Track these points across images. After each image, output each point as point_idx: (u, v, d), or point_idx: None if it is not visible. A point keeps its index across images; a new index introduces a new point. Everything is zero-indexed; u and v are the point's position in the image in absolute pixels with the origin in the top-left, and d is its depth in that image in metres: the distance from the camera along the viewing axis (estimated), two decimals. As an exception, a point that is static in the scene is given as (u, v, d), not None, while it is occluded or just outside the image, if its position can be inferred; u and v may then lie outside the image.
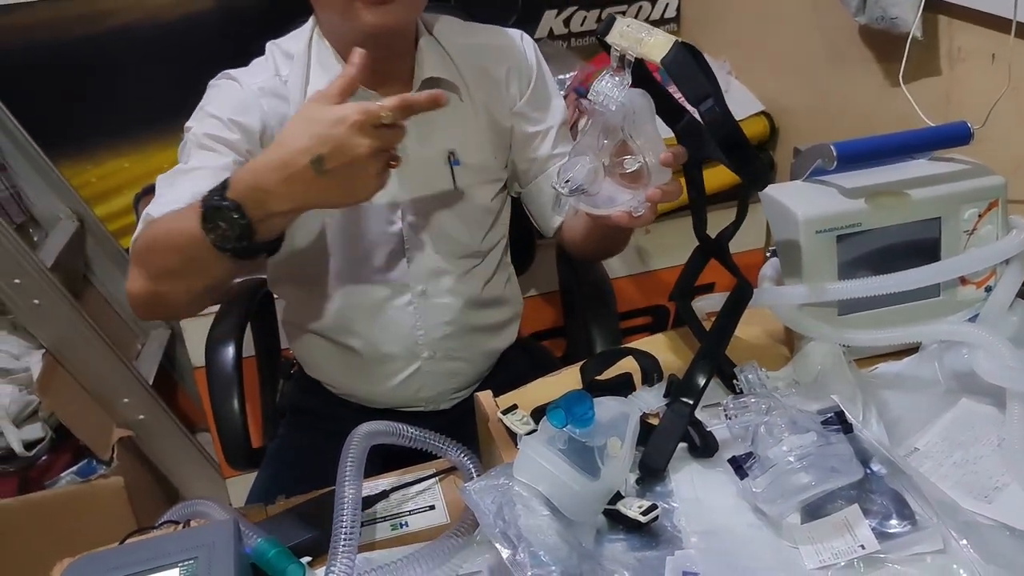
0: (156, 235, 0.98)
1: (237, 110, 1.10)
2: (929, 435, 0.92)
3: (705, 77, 0.84)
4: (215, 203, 0.86)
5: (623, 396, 1.00)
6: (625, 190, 0.92)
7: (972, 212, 1.02)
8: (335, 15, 1.08)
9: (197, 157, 1.08)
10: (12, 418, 1.76)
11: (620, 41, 0.86)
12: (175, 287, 0.99)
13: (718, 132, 0.84)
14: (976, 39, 1.30)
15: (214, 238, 0.87)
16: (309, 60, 1.15)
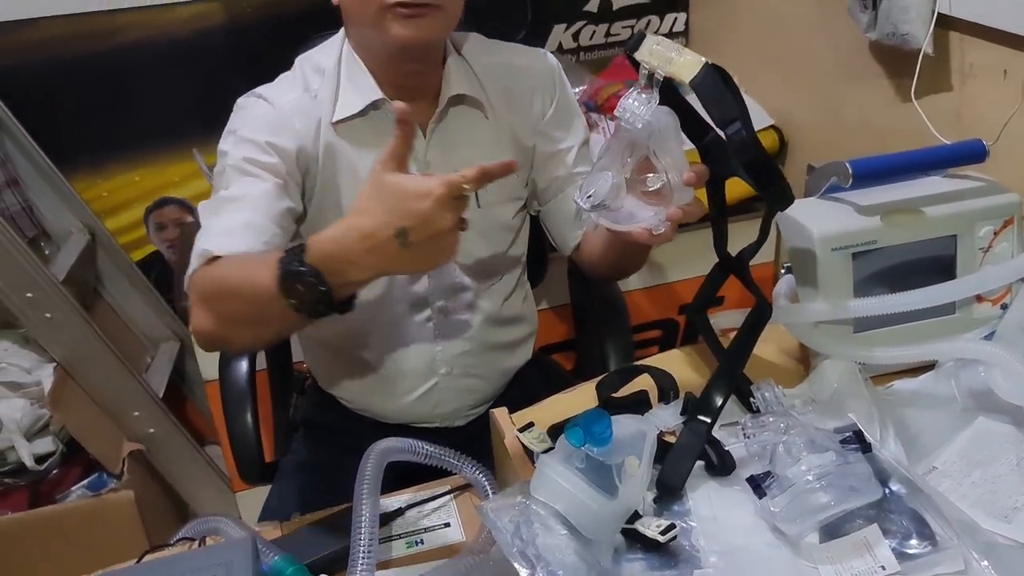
0: (226, 283, 0.98)
1: (272, 132, 1.10)
2: (947, 454, 0.92)
3: (733, 99, 0.84)
4: (294, 268, 0.86)
5: (640, 414, 1.00)
6: (646, 207, 0.92)
7: (987, 230, 1.03)
8: (367, 28, 1.08)
9: (239, 184, 1.08)
10: (24, 432, 1.76)
11: (649, 59, 0.85)
12: (244, 333, 1.00)
13: (744, 155, 0.85)
14: (987, 55, 1.31)
15: (292, 301, 0.87)
16: (339, 75, 1.15)
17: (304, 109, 1.13)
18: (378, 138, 1.15)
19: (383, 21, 1.05)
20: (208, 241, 1.02)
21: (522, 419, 1.02)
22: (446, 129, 1.18)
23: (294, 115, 1.12)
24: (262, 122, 1.11)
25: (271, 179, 1.08)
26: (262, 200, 1.06)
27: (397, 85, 1.14)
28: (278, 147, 1.10)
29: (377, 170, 0.85)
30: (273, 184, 1.08)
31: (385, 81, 1.14)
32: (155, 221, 2.16)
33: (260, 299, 0.91)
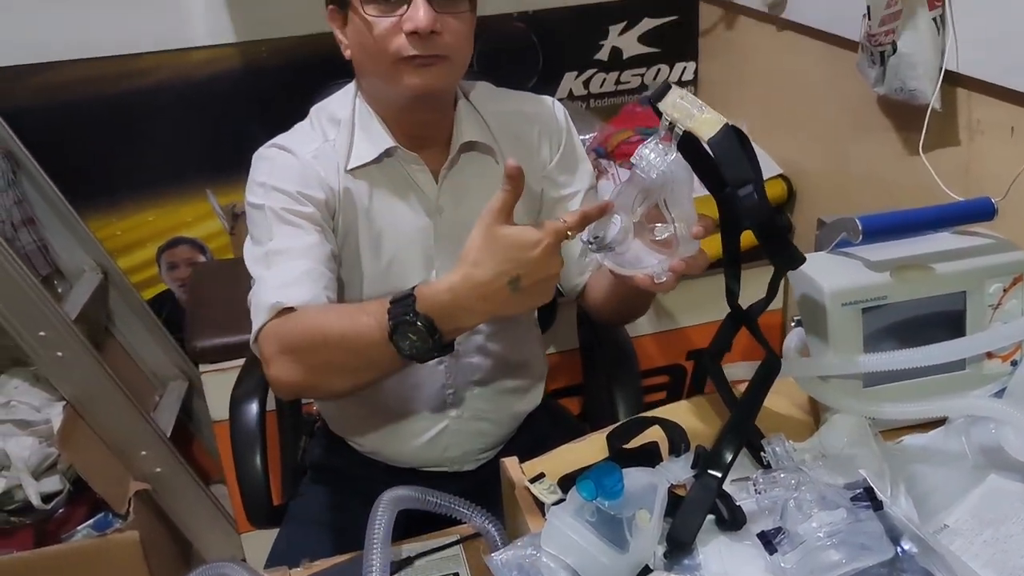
0: (321, 333, 1.00)
1: (300, 182, 1.13)
2: (958, 512, 0.92)
3: (748, 163, 0.86)
4: (408, 319, 0.91)
5: (650, 466, 1.00)
6: (652, 254, 0.94)
7: (997, 287, 1.03)
8: (380, 80, 1.12)
9: (283, 234, 1.10)
10: (31, 470, 1.77)
11: (672, 112, 0.86)
12: (339, 381, 1.03)
13: (755, 219, 0.87)
14: (995, 112, 1.32)
15: (404, 350, 0.92)
16: (354, 124, 1.17)
17: (324, 157, 1.16)
18: (391, 183, 1.18)
19: (396, 73, 1.08)
20: (273, 294, 1.04)
21: (533, 469, 1.02)
22: (458, 175, 1.20)
23: (317, 164, 1.15)
24: (290, 173, 1.13)
25: (312, 227, 1.12)
26: (313, 249, 1.10)
27: (409, 134, 1.17)
28: (310, 196, 1.13)
29: (486, 223, 0.90)
30: (316, 233, 1.12)
31: (397, 130, 1.17)
32: (167, 260, 2.18)
33: (364, 348, 0.95)
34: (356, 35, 1.11)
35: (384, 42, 1.06)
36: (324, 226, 1.14)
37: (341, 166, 1.16)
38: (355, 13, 1.09)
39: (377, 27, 1.06)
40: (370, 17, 1.06)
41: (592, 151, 2.03)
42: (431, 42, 1.06)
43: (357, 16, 1.08)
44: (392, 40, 1.06)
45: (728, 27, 2.15)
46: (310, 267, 1.08)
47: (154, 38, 1.96)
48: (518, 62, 2.19)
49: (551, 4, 2.17)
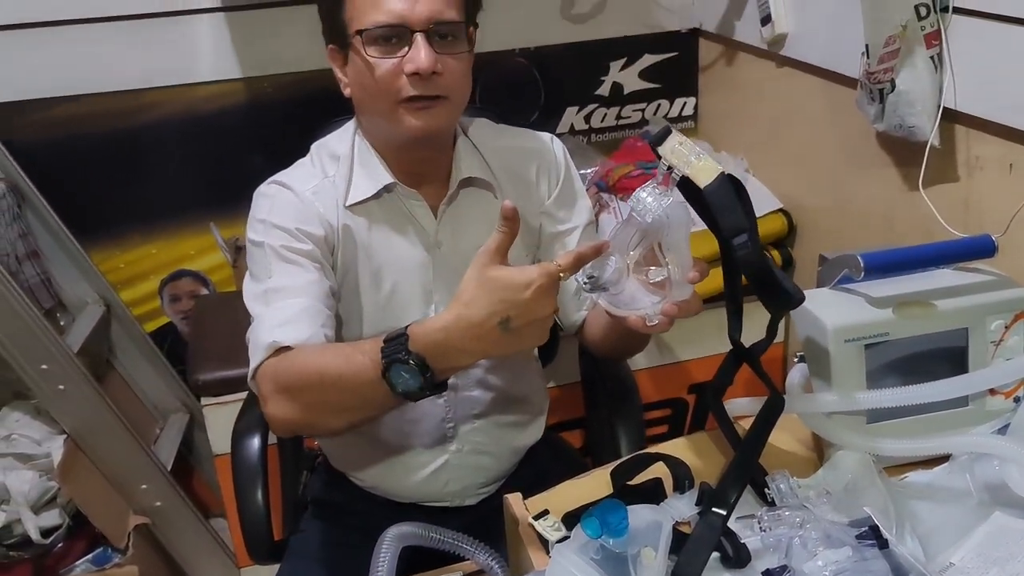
0: (315, 372, 1.01)
1: (299, 219, 1.14)
2: (964, 550, 0.91)
3: (743, 212, 0.88)
4: (400, 358, 0.92)
5: (655, 503, 1.00)
6: (647, 295, 0.95)
7: (999, 323, 1.04)
8: (380, 119, 1.14)
9: (282, 271, 1.12)
10: (31, 504, 1.76)
11: (671, 157, 0.88)
12: (334, 420, 1.05)
13: (748, 268, 0.89)
14: (994, 149, 1.34)
15: (397, 388, 0.93)
16: (353, 161, 1.19)
17: (324, 194, 1.17)
18: (390, 218, 1.19)
19: (396, 114, 1.10)
20: (270, 333, 1.06)
21: (536, 505, 1.02)
22: (457, 210, 1.21)
23: (316, 201, 1.16)
24: (290, 210, 1.15)
25: (311, 264, 1.13)
26: (311, 287, 1.11)
27: (408, 170, 1.18)
28: (309, 233, 1.14)
29: (482, 263, 0.90)
30: (315, 270, 1.13)
31: (396, 166, 1.18)
32: (170, 293, 2.18)
33: (359, 387, 0.97)
34: (357, 75, 1.12)
35: (385, 83, 1.08)
36: (323, 263, 1.15)
37: (340, 202, 1.18)
38: (356, 54, 1.10)
39: (378, 68, 1.08)
40: (371, 58, 1.08)
41: (593, 185, 2.04)
42: (432, 83, 1.08)
43: (358, 56, 1.10)
44: (393, 81, 1.08)
45: (728, 63, 2.17)
46: (308, 305, 1.09)
47: (159, 74, 1.98)
48: (520, 97, 2.21)
49: (553, 40, 2.19)
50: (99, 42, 1.91)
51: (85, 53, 1.91)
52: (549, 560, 0.86)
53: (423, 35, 1.06)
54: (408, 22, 1.06)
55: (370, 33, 1.07)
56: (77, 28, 1.89)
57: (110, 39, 1.91)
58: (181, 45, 1.97)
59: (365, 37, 1.08)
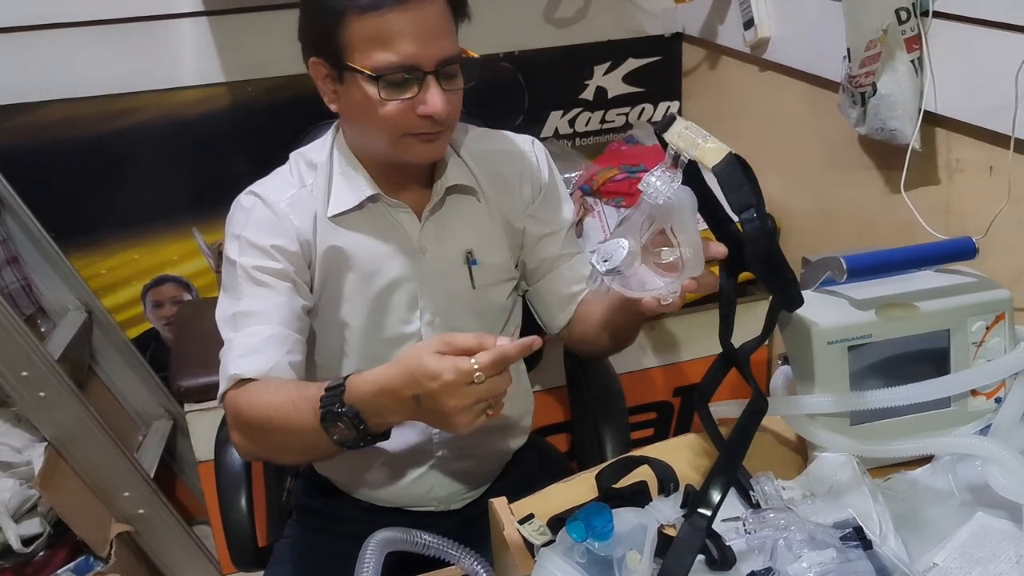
0: (266, 415, 1.03)
1: (273, 234, 1.14)
2: (947, 550, 0.92)
3: (751, 189, 0.89)
4: (335, 410, 0.94)
5: (640, 506, 1.00)
6: (658, 277, 0.96)
7: (980, 325, 1.04)
8: (378, 144, 1.13)
9: (252, 295, 1.12)
10: (11, 513, 1.74)
11: (677, 141, 0.89)
12: (290, 458, 1.14)
13: (756, 243, 0.89)
14: (974, 152, 1.35)
15: (333, 436, 0.95)
16: (331, 169, 1.18)
17: (301, 204, 1.17)
18: (373, 227, 1.19)
19: (401, 145, 1.10)
20: (235, 364, 1.08)
21: (521, 509, 1.02)
22: (440, 215, 1.21)
23: (292, 212, 1.16)
24: (264, 226, 1.15)
25: (282, 285, 1.13)
26: (277, 312, 1.12)
27: (391, 180, 1.18)
28: (282, 249, 1.14)
29: (431, 341, 0.90)
30: (285, 290, 1.13)
31: (380, 177, 1.18)
32: (152, 299, 2.17)
33: (303, 433, 0.98)
34: (356, 104, 1.09)
35: (392, 120, 1.07)
36: (296, 281, 1.15)
37: (320, 212, 1.17)
38: (357, 85, 1.07)
39: (387, 106, 1.06)
40: (382, 99, 1.06)
41: (578, 189, 2.04)
42: (440, 120, 1.08)
43: (359, 88, 1.07)
44: (401, 118, 1.07)
45: (711, 67, 2.18)
46: (273, 332, 1.10)
47: (141, 78, 1.96)
48: (505, 101, 2.22)
49: (537, 44, 2.19)
50: (80, 46, 1.90)
51: (66, 57, 1.90)
52: (534, 564, 0.86)
53: (434, 77, 1.06)
54: (421, 64, 1.05)
55: (382, 75, 1.05)
56: (58, 32, 1.87)
57: (92, 43, 1.90)
58: (164, 49, 1.96)
59: (374, 76, 1.05)
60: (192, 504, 2.27)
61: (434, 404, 0.88)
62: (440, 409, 0.88)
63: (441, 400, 0.87)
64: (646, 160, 2.13)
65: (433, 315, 1.22)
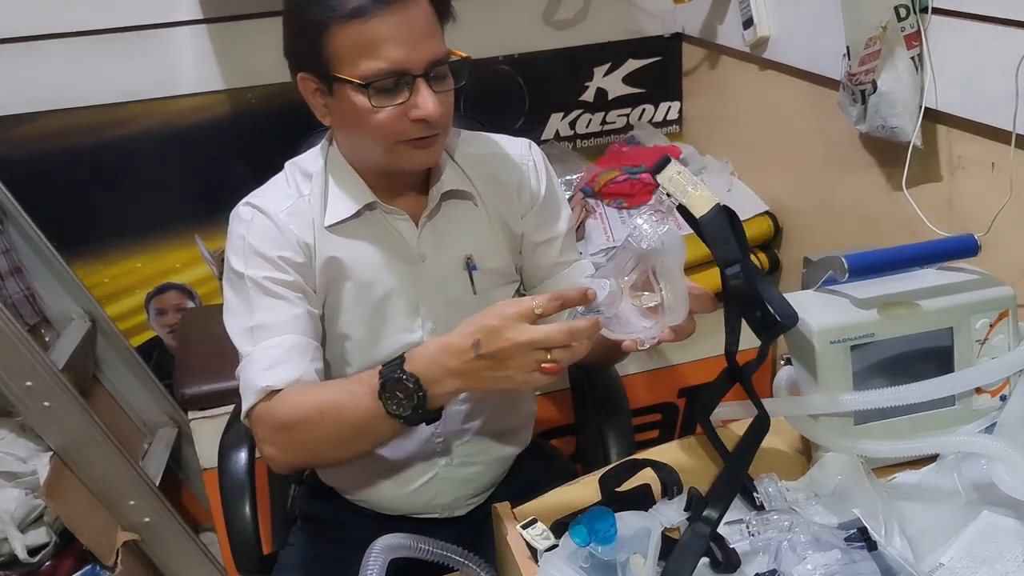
0: (314, 408, 1.04)
1: (277, 245, 1.13)
2: (953, 550, 0.91)
3: (737, 243, 0.91)
4: (396, 376, 0.96)
5: (643, 509, 0.99)
6: (640, 318, 0.95)
7: (983, 322, 1.04)
8: (373, 152, 1.12)
9: (266, 306, 1.12)
10: (17, 523, 1.73)
11: (668, 186, 0.92)
12: (339, 452, 1.08)
13: (739, 298, 0.92)
14: (976, 148, 1.34)
15: (392, 409, 0.97)
16: (326, 178, 1.18)
17: (299, 214, 1.16)
18: (370, 234, 1.18)
19: (396, 152, 1.09)
20: (261, 377, 1.07)
21: (524, 514, 1.02)
22: (438, 221, 1.20)
23: (291, 223, 1.15)
24: (267, 237, 1.14)
25: (294, 295, 1.13)
26: (296, 323, 1.12)
27: (387, 188, 1.17)
28: (289, 260, 1.14)
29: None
30: (298, 300, 1.13)
31: (376, 184, 1.17)
32: (156, 307, 2.17)
33: (358, 415, 1.00)
34: (348, 115, 1.08)
35: (386, 128, 1.06)
36: (306, 290, 1.15)
37: (317, 222, 1.16)
38: (346, 95, 1.06)
39: (379, 114, 1.05)
40: (373, 107, 1.05)
41: (580, 191, 2.04)
42: (433, 124, 1.07)
43: (348, 99, 1.06)
44: (394, 125, 1.06)
45: (711, 67, 2.18)
46: (295, 342, 1.10)
47: (141, 87, 1.97)
48: (505, 104, 2.22)
49: (536, 47, 2.19)
50: (79, 56, 1.90)
51: (66, 67, 1.90)
52: (538, 569, 0.86)
53: (424, 80, 1.05)
54: (409, 68, 1.04)
55: (371, 82, 1.03)
56: (56, 42, 1.88)
57: (90, 53, 1.90)
58: (163, 58, 1.96)
59: (363, 85, 1.04)
60: (198, 511, 2.27)
61: (492, 341, 0.90)
62: (499, 350, 0.90)
63: (502, 336, 0.89)
64: (647, 161, 2.12)
65: (435, 323, 1.21)
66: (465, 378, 0.95)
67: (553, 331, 0.89)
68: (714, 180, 2.08)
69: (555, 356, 0.90)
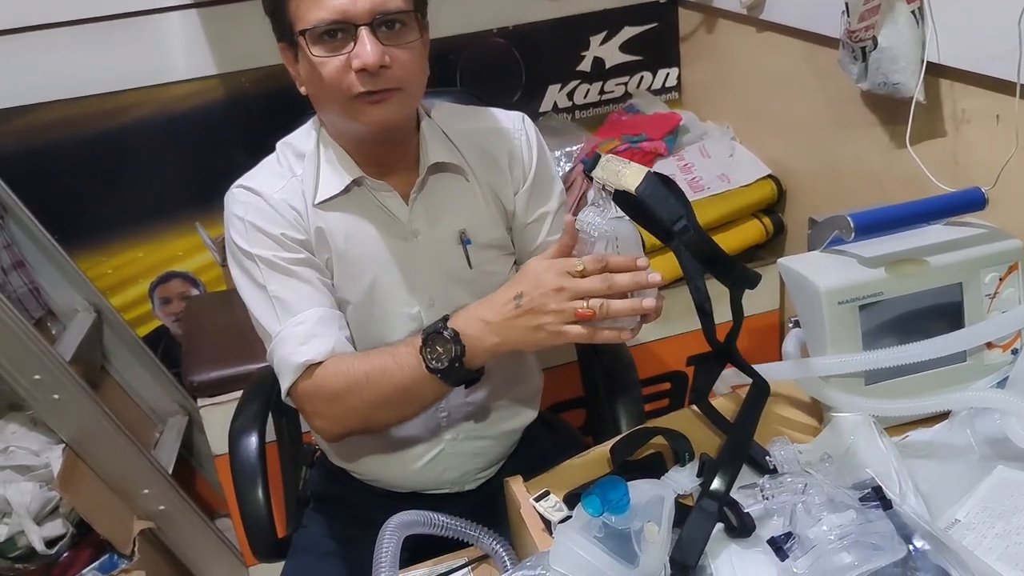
0: (360, 373, 1.08)
1: (276, 224, 1.14)
2: (968, 506, 0.91)
3: (676, 200, 0.94)
4: (437, 329, 1.02)
5: (656, 477, 0.99)
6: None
7: (992, 276, 1.03)
8: (336, 115, 1.12)
9: (283, 284, 1.13)
10: (33, 516, 1.75)
11: (601, 174, 0.94)
12: (388, 415, 1.12)
13: (692, 247, 0.93)
14: (979, 101, 1.32)
15: (430, 360, 1.02)
16: (319, 158, 1.17)
17: (293, 194, 1.16)
18: (362, 212, 1.18)
19: (352, 109, 1.09)
20: (298, 353, 1.10)
21: (537, 486, 1.02)
22: (429, 196, 1.20)
23: (285, 203, 1.15)
24: (265, 217, 1.14)
25: (307, 269, 1.15)
26: (316, 296, 1.14)
27: (375, 162, 1.17)
28: (291, 237, 1.15)
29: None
30: (312, 274, 1.15)
31: (362, 159, 1.16)
32: (160, 296, 2.17)
33: (402, 376, 1.05)
34: (307, 74, 1.10)
35: (334, 81, 1.06)
36: (315, 263, 1.16)
37: (309, 201, 1.16)
38: (303, 53, 1.07)
39: (326, 67, 1.06)
40: (317, 57, 1.06)
41: (580, 162, 2.02)
42: (381, 77, 1.05)
43: (305, 56, 1.07)
44: (342, 78, 1.06)
45: (708, 31, 2.15)
46: (321, 314, 1.13)
47: (135, 75, 1.95)
48: (501, 77, 2.19)
49: (531, 18, 2.17)
50: (71, 46, 1.89)
51: (57, 58, 1.89)
52: (553, 541, 0.86)
53: (367, 28, 1.04)
54: (350, 17, 1.03)
55: (313, 32, 1.04)
56: (46, 33, 1.86)
57: (81, 42, 1.89)
58: (154, 44, 1.95)
59: (309, 36, 1.05)
60: (213, 498, 2.28)
61: (534, 291, 0.95)
62: (542, 295, 0.94)
63: (544, 282, 0.94)
64: (648, 129, 2.10)
65: (432, 297, 1.21)
66: (501, 331, 0.99)
67: (591, 284, 0.93)
68: (715, 145, 2.07)
69: (592, 304, 0.92)
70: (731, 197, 1.93)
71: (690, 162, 2.03)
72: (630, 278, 0.93)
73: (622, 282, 0.93)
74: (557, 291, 0.93)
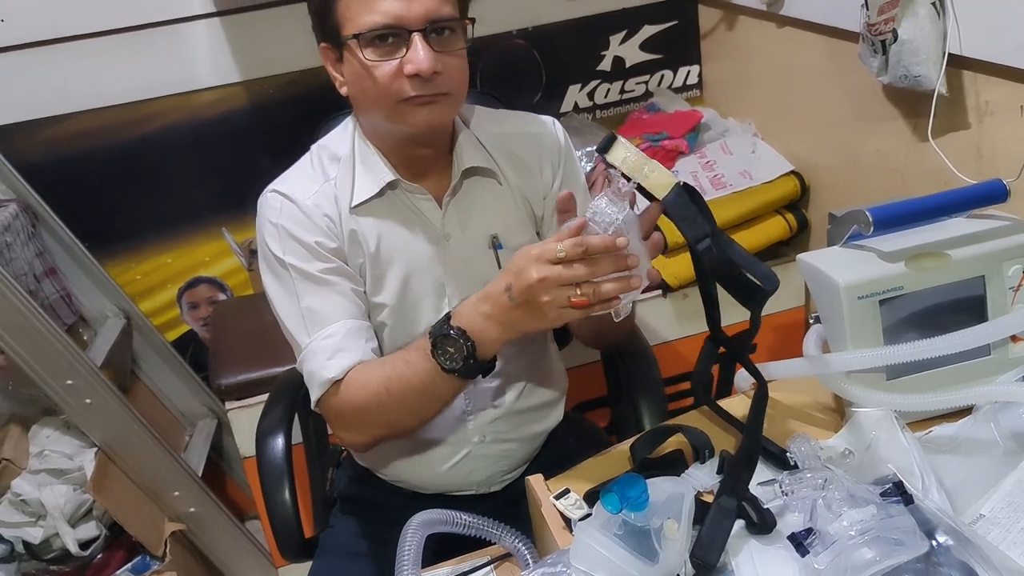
0: (381, 386, 1.09)
1: (310, 231, 1.15)
2: (993, 500, 0.90)
3: (703, 217, 0.93)
4: (444, 331, 1.01)
5: (676, 475, 0.99)
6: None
7: (1016, 268, 1.02)
8: (381, 118, 1.12)
9: (314, 294, 1.14)
10: (67, 518, 1.78)
11: (623, 167, 0.93)
12: (411, 420, 1.14)
13: (714, 270, 0.94)
14: (1002, 92, 1.31)
15: (443, 361, 1.02)
16: (354, 161, 1.18)
17: (327, 199, 1.17)
18: (395, 215, 1.19)
19: (399, 112, 1.09)
20: (326, 368, 1.12)
21: (558, 485, 1.02)
22: (462, 200, 1.20)
23: (319, 209, 1.16)
24: (300, 223, 1.15)
25: (339, 279, 1.16)
26: (346, 307, 1.15)
27: (410, 166, 1.17)
28: (324, 245, 1.15)
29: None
30: (344, 283, 1.16)
31: (398, 162, 1.17)
32: (188, 301, 2.20)
33: (418, 382, 1.05)
34: (354, 76, 1.10)
35: (385, 85, 1.07)
36: (347, 270, 1.17)
37: (344, 204, 1.17)
38: (352, 55, 1.08)
39: (377, 70, 1.06)
40: (369, 61, 1.06)
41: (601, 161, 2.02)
42: (432, 82, 1.06)
43: (355, 59, 1.08)
44: (393, 83, 1.06)
45: (728, 28, 2.15)
46: (349, 327, 1.14)
47: (160, 83, 1.99)
48: (521, 79, 2.20)
49: (550, 19, 2.17)
50: (98, 57, 1.92)
51: (85, 69, 1.92)
52: (573, 539, 0.86)
53: (420, 35, 1.05)
54: (405, 22, 1.04)
55: (366, 36, 1.05)
56: (75, 45, 1.90)
57: (108, 53, 1.92)
58: (180, 53, 1.98)
59: (361, 40, 1.06)
60: (243, 500, 2.31)
61: (522, 283, 0.93)
62: (526, 288, 0.93)
63: (528, 275, 0.92)
64: (669, 127, 2.10)
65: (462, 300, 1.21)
66: (503, 322, 0.98)
67: (575, 270, 0.90)
68: (737, 142, 2.06)
69: (584, 291, 0.92)
70: (753, 194, 1.93)
71: (712, 159, 2.03)
72: (611, 262, 0.91)
73: (603, 268, 0.91)
74: (541, 282, 0.92)
